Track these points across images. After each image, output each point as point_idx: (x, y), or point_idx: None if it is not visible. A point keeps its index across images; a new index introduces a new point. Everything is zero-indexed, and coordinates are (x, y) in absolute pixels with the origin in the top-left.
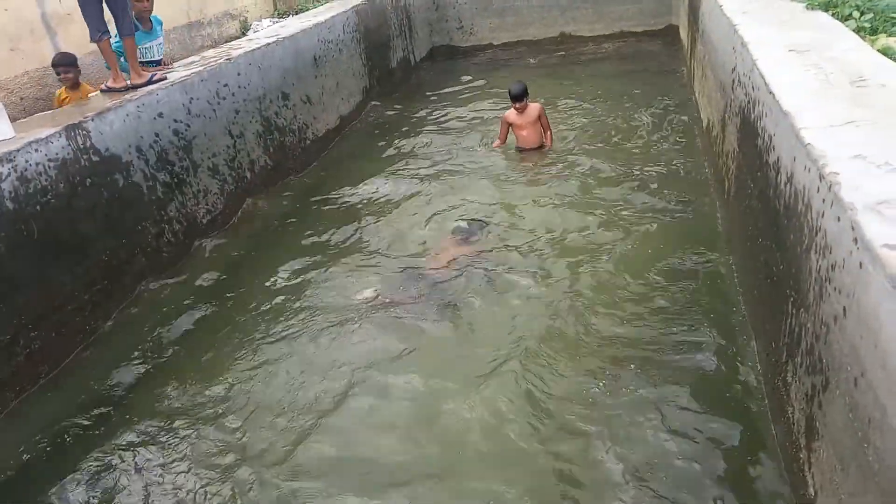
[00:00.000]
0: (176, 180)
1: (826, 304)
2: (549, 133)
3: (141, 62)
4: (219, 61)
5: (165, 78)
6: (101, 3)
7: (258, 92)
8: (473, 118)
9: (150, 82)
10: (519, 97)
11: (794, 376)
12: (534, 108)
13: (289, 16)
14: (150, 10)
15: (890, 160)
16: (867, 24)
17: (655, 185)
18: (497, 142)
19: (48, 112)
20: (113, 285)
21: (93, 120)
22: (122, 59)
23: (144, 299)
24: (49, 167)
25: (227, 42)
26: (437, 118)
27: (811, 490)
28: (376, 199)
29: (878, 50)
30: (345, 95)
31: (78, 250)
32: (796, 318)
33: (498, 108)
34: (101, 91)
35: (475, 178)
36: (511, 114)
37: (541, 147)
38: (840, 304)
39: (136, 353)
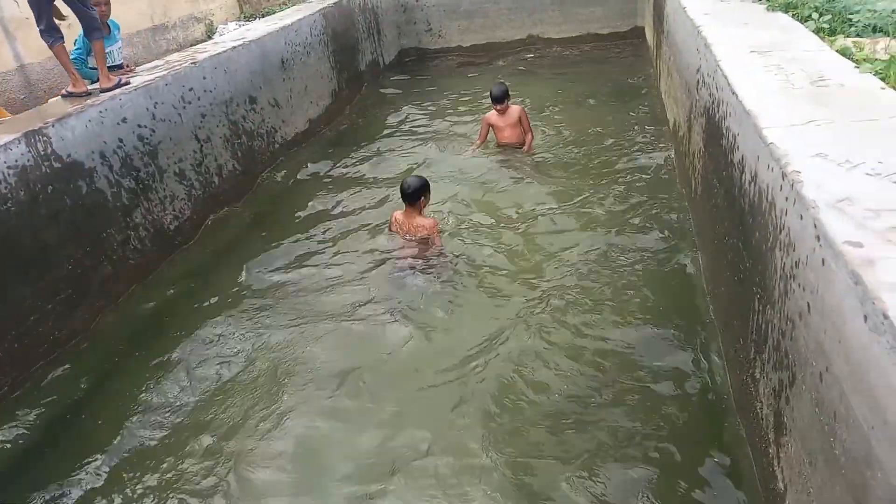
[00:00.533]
0: (141, 186)
1: (791, 301)
2: (529, 136)
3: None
4: (184, 65)
5: (129, 82)
6: (51, 6)
7: (225, 96)
8: (444, 120)
9: (118, 86)
10: (500, 98)
11: (761, 372)
12: (515, 109)
13: (255, 19)
14: (108, 15)
15: (850, 158)
16: (826, 26)
17: (623, 185)
18: (477, 141)
19: (8, 118)
20: (77, 295)
21: (54, 125)
22: (84, 65)
23: (112, 309)
24: (8, 174)
25: (192, 46)
26: (408, 121)
27: (780, 485)
28: (348, 203)
29: (837, 50)
30: (313, 98)
31: (40, 259)
32: (762, 315)
33: (468, 110)
34: (62, 96)
35: (448, 178)
36: (492, 115)
37: (521, 146)
38: (804, 300)
39: (101, 367)
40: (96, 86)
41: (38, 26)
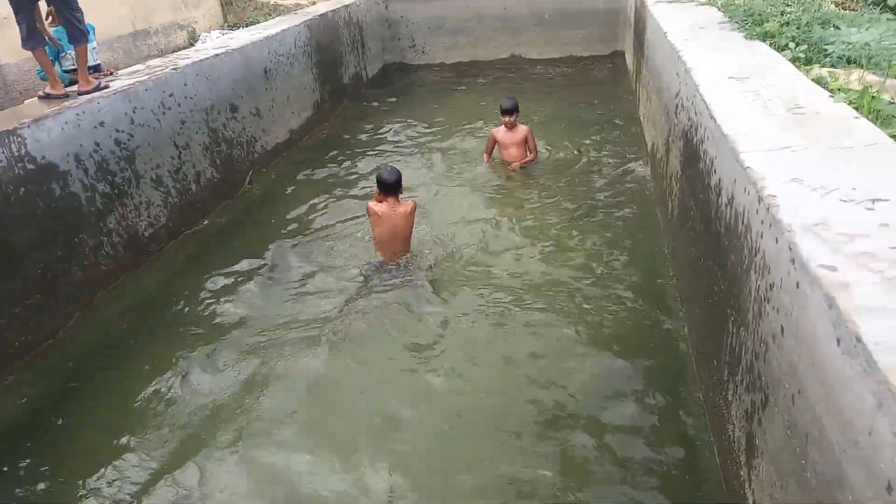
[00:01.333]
0: (116, 191)
1: (765, 323)
2: (532, 155)
3: (75, 69)
4: (165, 70)
5: (109, 86)
6: (34, 9)
7: (206, 103)
8: (425, 135)
9: (97, 89)
10: (509, 111)
11: (734, 394)
12: (522, 128)
13: (239, 28)
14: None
15: (825, 184)
16: (802, 55)
17: (599, 205)
18: (485, 157)
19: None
20: (47, 300)
21: (29, 127)
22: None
23: (82, 315)
24: None
25: (174, 52)
26: (389, 134)
27: None
28: (326, 212)
29: (813, 79)
30: (296, 109)
31: (9, 262)
32: (737, 337)
33: (449, 126)
34: (39, 98)
35: (430, 194)
36: (499, 131)
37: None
38: (778, 322)
39: (69, 373)
40: (74, 88)
41: (20, 32)
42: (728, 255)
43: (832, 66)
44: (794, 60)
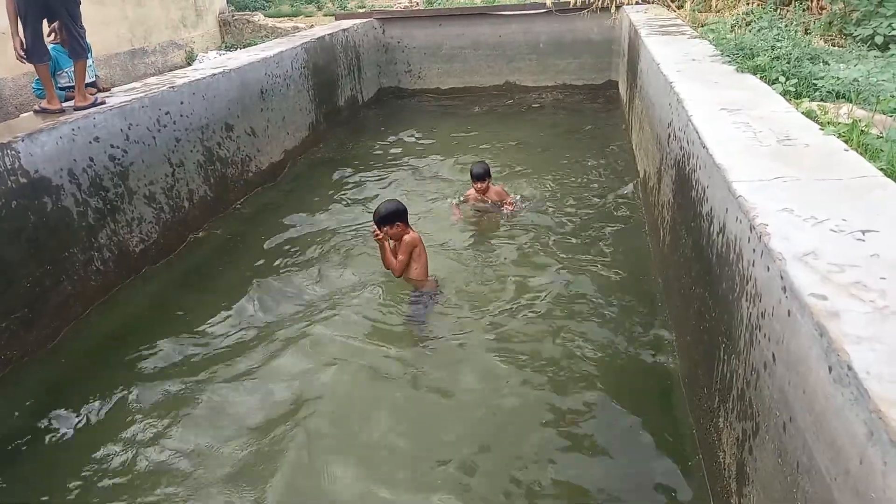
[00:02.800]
0: (109, 207)
1: (756, 351)
2: (509, 206)
3: (71, 86)
4: (161, 88)
5: (105, 102)
6: (41, 23)
7: (201, 122)
8: (418, 159)
9: (94, 105)
10: (481, 177)
11: (725, 422)
12: (494, 191)
13: (237, 49)
14: None
15: (816, 214)
16: (792, 89)
17: (590, 233)
18: (455, 211)
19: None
20: (34, 314)
21: (23, 140)
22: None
23: (69, 330)
24: None
25: (171, 71)
26: (383, 157)
27: None
28: (317, 235)
29: (803, 112)
30: (291, 130)
31: None
32: (728, 365)
33: (443, 150)
34: (35, 112)
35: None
36: (470, 194)
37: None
38: (770, 350)
39: (52, 388)
40: (70, 103)
41: (24, 43)
42: (719, 283)
43: (822, 99)
44: (784, 94)
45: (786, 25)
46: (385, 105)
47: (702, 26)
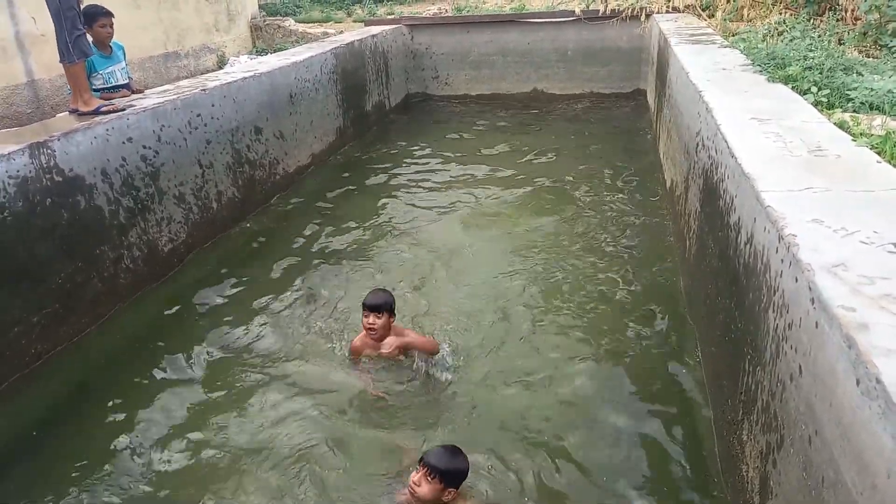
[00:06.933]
0: (140, 206)
1: (782, 362)
2: (430, 347)
3: (106, 88)
4: (193, 91)
5: (124, 109)
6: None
7: (231, 124)
8: (443, 166)
9: (97, 112)
10: (375, 308)
11: (749, 434)
12: (394, 341)
13: (267, 54)
14: (111, 36)
15: (846, 226)
16: (824, 99)
17: (616, 240)
18: (364, 379)
19: (13, 129)
20: (64, 310)
21: (59, 139)
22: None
23: (97, 327)
24: (8, 184)
25: (203, 74)
26: (408, 163)
27: None
28: (343, 237)
29: (835, 123)
30: (318, 134)
31: (31, 271)
32: (752, 377)
33: (467, 158)
34: (70, 112)
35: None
36: (358, 340)
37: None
38: (796, 362)
39: (78, 384)
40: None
41: (67, 42)
42: (746, 294)
43: (854, 111)
44: (816, 104)
45: (819, 35)
46: (412, 111)
47: (733, 35)
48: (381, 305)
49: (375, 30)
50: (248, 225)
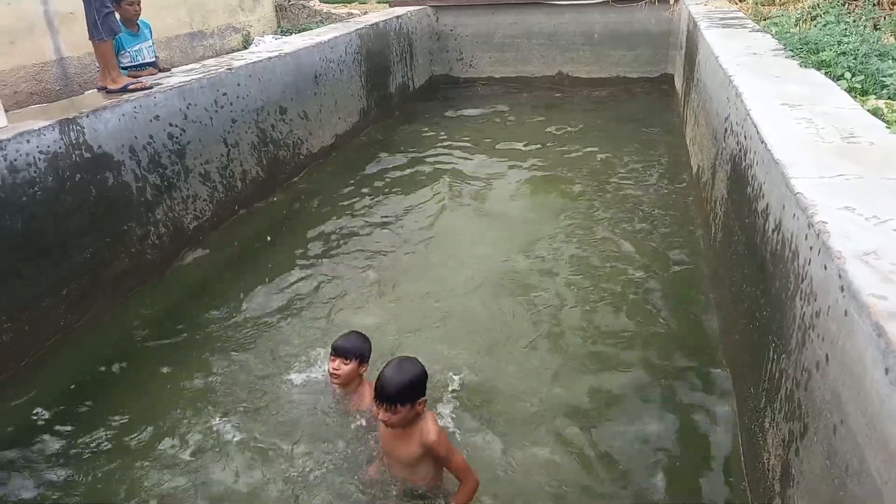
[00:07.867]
0: (166, 184)
1: (809, 351)
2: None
3: (133, 65)
4: (219, 70)
5: (151, 87)
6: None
7: (256, 104)
8: (464, 151)
9: (124, 90)
10: (343, 352)
11: (771, 422)
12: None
13: (292, 34)
14: (139, 14)
15: (878, 214)
16: (858, 85)
17: (640, 226)
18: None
19: (42, 105)
20: (92, 284)
21: (88, 116)
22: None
23: (123, 301)
24: (39, 159)
25: (228, 54)
26: (430, 145)
27: None
28: (363, 219)
29: (869, 110)
30: (342, 115)
31: (60, 245)
32: (777, 364)
33: (491, 142)
34: (97, 90)
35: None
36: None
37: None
38: (823, 350)
39: (105, 354)
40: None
41: (96, 20)
42: (773, 281)
43: (889, 98)
44: (849, 90)
45: (854, 20)
46: (436, 92)
47: (764, 20)
48: (350, 351)
49: (400, 11)
50: (270, 203)
